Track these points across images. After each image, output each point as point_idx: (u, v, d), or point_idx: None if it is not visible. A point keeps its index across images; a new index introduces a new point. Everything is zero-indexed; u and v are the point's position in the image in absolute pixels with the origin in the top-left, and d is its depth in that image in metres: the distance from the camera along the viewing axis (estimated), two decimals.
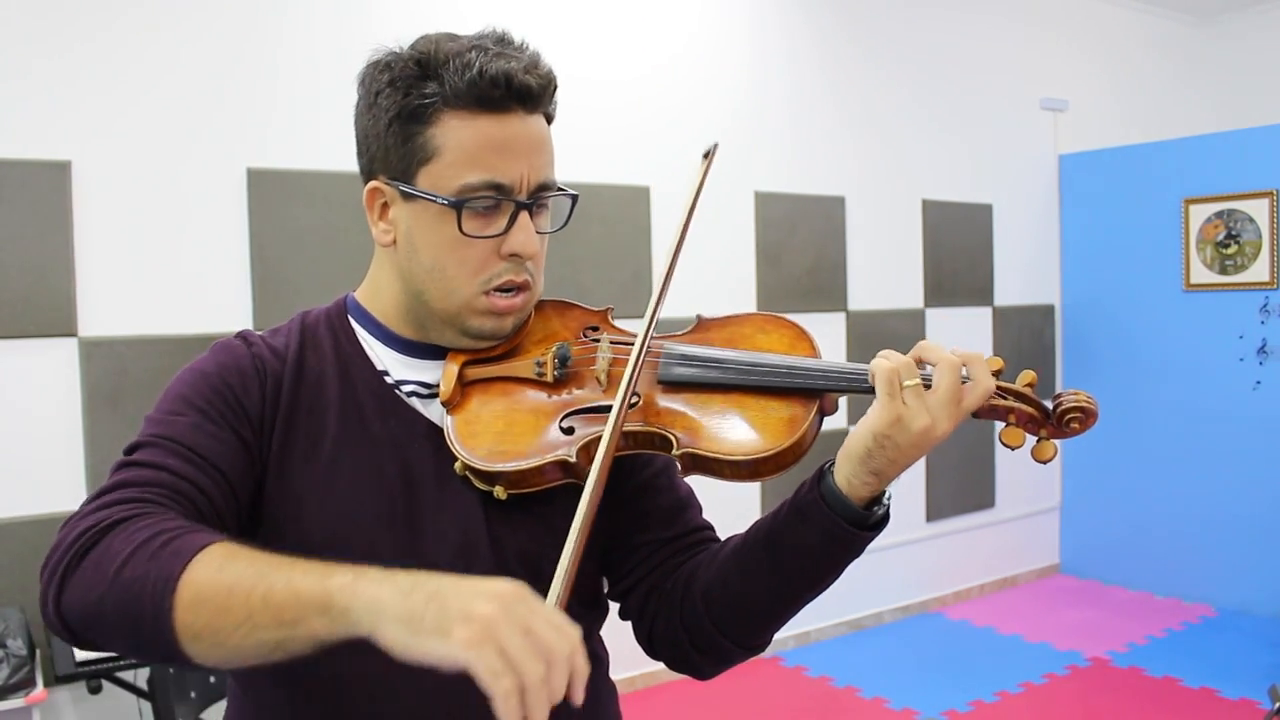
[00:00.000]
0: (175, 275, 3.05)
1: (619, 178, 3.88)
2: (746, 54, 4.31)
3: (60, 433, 2.89)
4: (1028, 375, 0.95)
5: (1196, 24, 6.15)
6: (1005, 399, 0.94)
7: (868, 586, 4.65)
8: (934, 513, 4.94)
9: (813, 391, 0.96)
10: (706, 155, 1.07)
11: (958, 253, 5.02)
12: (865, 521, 0.94)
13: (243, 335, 1.04)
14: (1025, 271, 5.32)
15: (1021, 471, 5.30)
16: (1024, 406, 0.94)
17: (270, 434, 0.98)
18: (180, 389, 0.98)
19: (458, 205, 0.96)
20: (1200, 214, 4.88)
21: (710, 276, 4.08)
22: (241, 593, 0.76)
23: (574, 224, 1.09)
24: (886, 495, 0.95)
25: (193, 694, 2.50)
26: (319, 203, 3.23)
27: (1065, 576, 5.49)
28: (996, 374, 0.93)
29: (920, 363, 0.91)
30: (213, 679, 2.55)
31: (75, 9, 2.89)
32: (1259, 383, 4.70)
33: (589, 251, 3.76)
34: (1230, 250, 4.79)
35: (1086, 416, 0.93)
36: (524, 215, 0.98)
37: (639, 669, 3.94)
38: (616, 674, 1.15)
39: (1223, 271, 4.82)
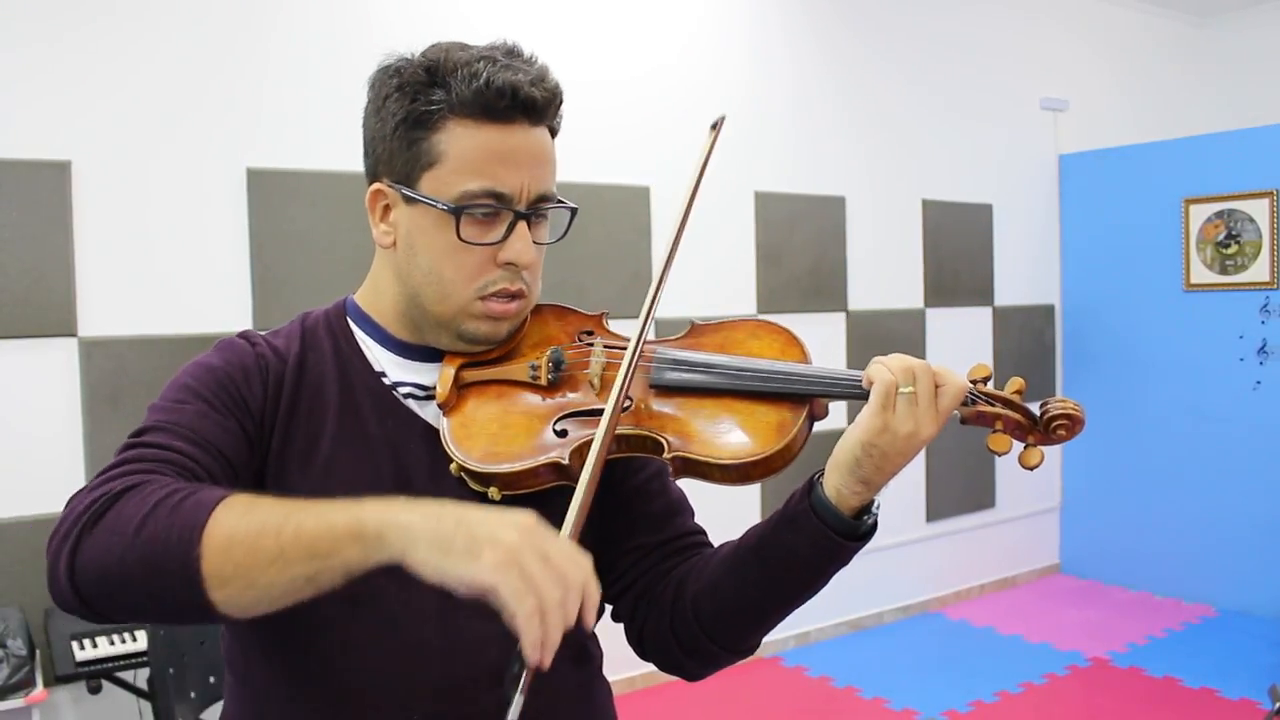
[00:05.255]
0: (175, 275, 3.05)
1: (619, 178, 3.88)
2: (747, 54, 4.31)
3: (60, 433, 2.89)
4: (1016, 382, 0.96)
5: (1197, 23, 6.15)
6: (992, 405, 0.96)
7: (868, 586, 4.65)
8: (934, 513, 4.94)
9: (802, 396, 0.98)
10: (714, 126, 1.08)
11: (958, 253, 5.02)
12: (854, 532, 0.96)
13: (245, 335, 1.06)
14: (1025, 272, 5.32)
15: (1021, 472, 5.28)
16: (1011, 413, 0.96)
17: (270, 432, 1.00)
18: (185, 380, 0.99)
19: (457, 211, 0.97)
20: (1200, 214, 4.88)
21: (710, 277, 4.08)
22: (271, 531, 0.78)
23: (574, 224, 1.10)
24: (875, 505, 0.97)
25: (193, 694, 2.49)
26: (319, 203, 3.23)
27: (1065, 576, 5.49)
28: (985, 380, 0.96)
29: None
30: (212, 679, 2.55)
31: (76, 9, 2.89)
32: (1259, 383, 4.70)
33: (589, 252, 3.76)
34: (1230, 250, 4.79)
35: (1073, 424, 0.94)
36: (521, 225, 1.00)
37: (639, 669, 3.94)
38: (617, 674, 1.15)
39: (1223, 271, 4.82)
